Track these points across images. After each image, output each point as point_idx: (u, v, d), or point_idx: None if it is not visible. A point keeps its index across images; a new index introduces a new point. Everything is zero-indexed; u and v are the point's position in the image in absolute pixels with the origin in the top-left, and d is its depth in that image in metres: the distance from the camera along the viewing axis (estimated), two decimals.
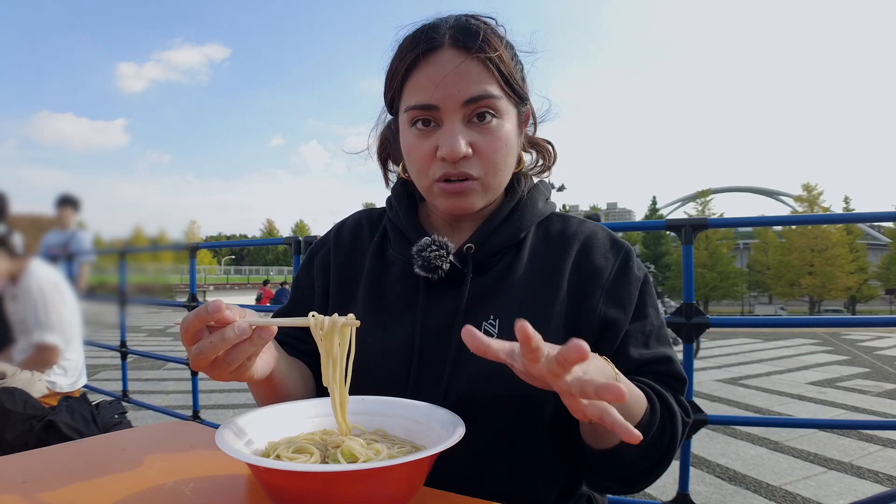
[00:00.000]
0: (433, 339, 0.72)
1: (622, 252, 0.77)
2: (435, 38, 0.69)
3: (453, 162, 0.69)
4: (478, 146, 0.69)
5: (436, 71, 0.68)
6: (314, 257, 0.87)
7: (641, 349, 0.73)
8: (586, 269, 0.75)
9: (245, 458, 0.46)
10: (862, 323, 7.07)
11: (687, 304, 1.81)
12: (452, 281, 0.74)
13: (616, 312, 0.73)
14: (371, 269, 0.80)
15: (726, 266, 33.71)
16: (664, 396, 0.69)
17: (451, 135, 0.68)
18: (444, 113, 0.69)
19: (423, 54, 0.69)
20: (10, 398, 1.83)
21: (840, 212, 24.99)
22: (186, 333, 0.52)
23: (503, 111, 0.70)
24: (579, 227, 0.80)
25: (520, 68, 0.74)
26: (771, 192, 65.97)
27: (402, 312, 0.75)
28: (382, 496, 0.47)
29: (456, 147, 0.67)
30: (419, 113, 0.70)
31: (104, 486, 0.57)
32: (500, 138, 0.70)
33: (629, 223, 3.36)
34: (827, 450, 3.55)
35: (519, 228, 0.76)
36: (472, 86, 0.68)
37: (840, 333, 10.79)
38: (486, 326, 0.72)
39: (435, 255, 0.72)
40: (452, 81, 0.67)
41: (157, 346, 9.23)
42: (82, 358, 2.30)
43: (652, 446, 0.66)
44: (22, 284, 2.09)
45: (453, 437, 0.50)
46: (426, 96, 0.69)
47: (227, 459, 0.61)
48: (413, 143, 0.72)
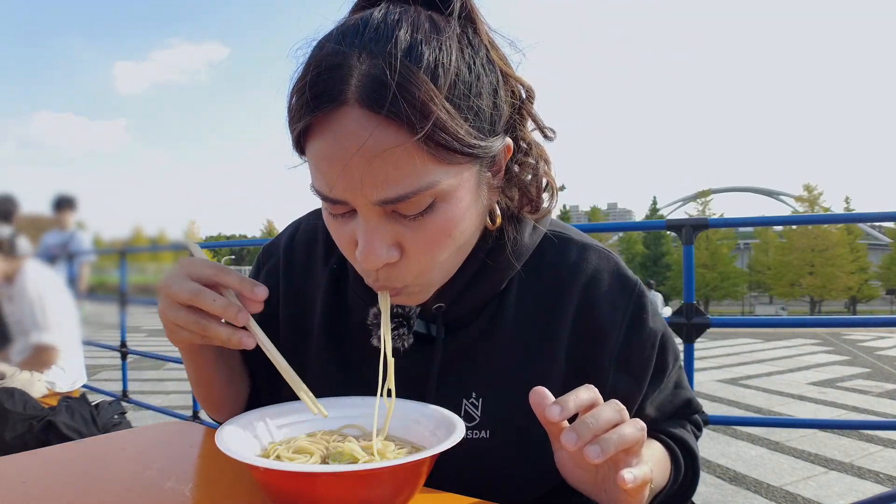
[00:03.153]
0: None
1: (633, 298, 0.62)
2: (333, 90, 0.45)
3: (374, 269, 0.51)
4: (407, 245, 0.50)
5: (335, 150, 0.45)
6: (260, 270, 0.73)
7: (661, 404, 0.65)
8: (590, 328, 0.60)
9: (245, 459, 0.46)
10: (862, 323, 7.09)
11: (687, 304, 1.82)
12: (421, 341, 0.61)
13: (629, 384, 0.61)
14: (326, 310, 0.66)
15: (727, 266, 33.69)
16: (685, 444, 0.65)
17: (364, 237, 0.49)
18: (357, 206, 0.48)
19: (321, 115, 0.45)
20: (9, 398, 1.83)
21: (840, 212, 25.00)
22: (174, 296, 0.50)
23: (448, 192, 0.48)
24: (579, 260, 0.62)
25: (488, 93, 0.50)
26: (771, 192, 65.92)
27: (364, 375, 0.60)
28: (383, 497, 0.47)
29: (371, 255, 0.49)
30: (324, 202, 0.51)
31: (104, 486, 0.57)
32: (442, 229, 0.50)
33: (629, 223, 3.36)
34: (827, 450, 3.55)
35: (500, 279, 0.60)
36: (388, 182, 0.45)
37: (840, 333, 10.78)
38: (467, 407, 0.60)
39: (394, 336, 0.59)
40: (359, 169, 0.45)
41: (157, 346, 9.22)
42: (82, 358, 2.30)
43: (676, 494, 0.64)
44: (18, 285, 2.10)
45: (453, 436, 0.49)
46: (328, 185, 0.48)
47: (227, 459, 0.61)
48: (330, 228, 0.53)
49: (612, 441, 0.44)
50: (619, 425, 0.46)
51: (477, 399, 0.60)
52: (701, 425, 0.70)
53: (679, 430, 0.66)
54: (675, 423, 0.67)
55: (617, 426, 0.45)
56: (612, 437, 0.44)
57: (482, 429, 0.59)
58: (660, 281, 33.60)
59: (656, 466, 0.58)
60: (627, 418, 0.47)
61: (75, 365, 2.24)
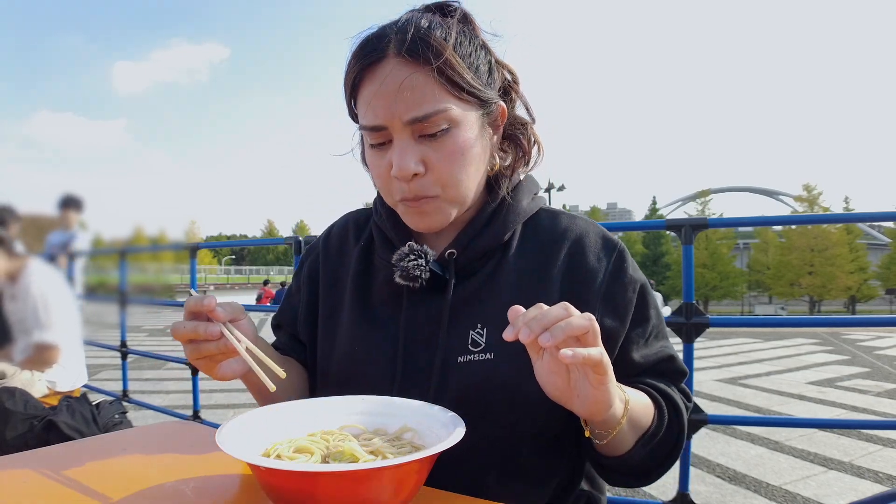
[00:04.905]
0: (418, 347, 0.71)
1: (615, 252, 0.74)
2: (377, 49, 0.66)
3: (406, 181, 0.66)
4: (431, 162, 0.66)
5: (378, 88, 0.65)
6: (304, 264, 0.87)
7: (644, 351, 0.73)
8: (578, 273, 0.72)
9: (245, 458, 0.46)
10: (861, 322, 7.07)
11: (687, 303, 1.82)
12: (436, 287, 0.72)
13: (613, 321, 0.71)
14: (356, 275, 0.79)
15: (726, 266, 33.68)
16: (669, 396, 0.72)
17: (399, 154, 0.66)
18: (394, 131, 0.66)
19: (367, 68, 0.66)
20: (10, 398, 1.83)
21: (840, 211, 24.98)
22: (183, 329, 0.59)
23: (459, 120, 0.66)
24: (569, 225, 0.76)
25: (484, 61, 0.70)
26: (771, 192, 65.96)
27: (387, 321, 0.74)
28: (383, 496, 0.47)
29: (404, 166, 0.65)
30: (370, 134, 0.68)
31: (104, 486, 0.57)
32: (456, 149, 0.67)
33: (629, 223, 3.37)
34: (827, 449, 3.55)
35: (502, 230, 0.73)
36: (415, 104, 0.64)
37: (840, 333, 10.78)
38: (474, 336, 0.70)
39: (413, 265, 0.70)
40: (395, 99, 0.64)
41: (157, 346, 9.22)
42: (83, 358, 2.30)
43: (662, 444, 0.69)
44: (21, 284, 2.10)
45: (453, 436, 0.50)
46: (372, 117, 0.66)
47: (228, 459, 0.62)
48: (371, 161, 0.71)
49: (560, 328, 0.51)
50: (569, 318, 0.52)
51: (482, 329, 0.70)
52: (689, 395, 0.77)
53: (665, 386, 0.73)
54: (663, 382, 0.74)
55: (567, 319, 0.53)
56: (559, 325, 0.51)
57: (488, 351, 0.69)
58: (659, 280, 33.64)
59: (637, 401, 0.66)
60: (576, 314, 0.53)
61: (77, 364, 2.24)
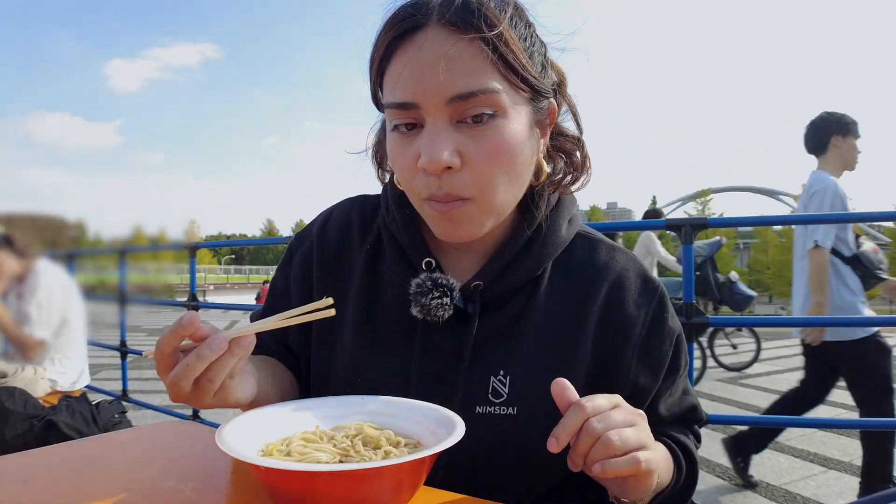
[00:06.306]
0: (432, 387, 0.62)
1: (656, 297, 0.66)
2: (418, 14, 0.54)
3: (436, 175, 0.55)
4: (468, 155, 0.54)
5: (416, 57, 0.53)
6: (293, 256, 0.74)
7: (669, 403, 0.68)
8: (616, 321, 0.64)
9: (245, 458, 0.46)
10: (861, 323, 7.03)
11: (687, 303, 1.82)
12: (457, 317, 0.62)
13: (648, 377, 0.64)
14: (362, 287, 0.68)
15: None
16: (688, 450, 0.67)
17: (430, 140, 0.54)
18: (426, 111, 0.54)
19: (403, 35, 0.54)
20: (10, 398, 1.83)
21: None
22: (162, 356, 0.49)
23: (507, 108, 0.55)
24: (608, 260, 0.67)
25: (539, 51, 0.59)
26: (771, 192, 65.89)
27: (397, 348, 0.64)
28: (383, 496, 0.47)
29: (435, 155, 0.53)
30: (397, 112, 0.56)
31: (104, 485, 0.57)
32: (500, 143, 0.55)
33: (629, 223, 3.36)
34: (827, 449, 3.55)
35: (537, 264, 0.64)
36: (461, 77, 0.52)
37: None
38: (495, 384, 0.61)
39: (436, 304, 0.60)
40: (436, 71, 0.52)
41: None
42: (85, 358, 2.31)
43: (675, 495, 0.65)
44: (29, 283, 2.12)
45: (453, 436, 0.50)
46: (403, 91, 0.54)
47: (227, 459, 0.62)
48: (394, 149, 0.59)
49: (621, 463, 0.49)
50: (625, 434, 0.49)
51: (505, 377, 0.62)
52: (700, 437, 0.72)
53: (682, 436, 0.68)
54: (679, 430, 0.69)
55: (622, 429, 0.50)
56: (619, 461, 0.49)
57: (510, 405, 0.61)
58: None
59: (662, 463, 0.60)
60: (629, 422, 0.51)
61: (78, 364, 2.25)
